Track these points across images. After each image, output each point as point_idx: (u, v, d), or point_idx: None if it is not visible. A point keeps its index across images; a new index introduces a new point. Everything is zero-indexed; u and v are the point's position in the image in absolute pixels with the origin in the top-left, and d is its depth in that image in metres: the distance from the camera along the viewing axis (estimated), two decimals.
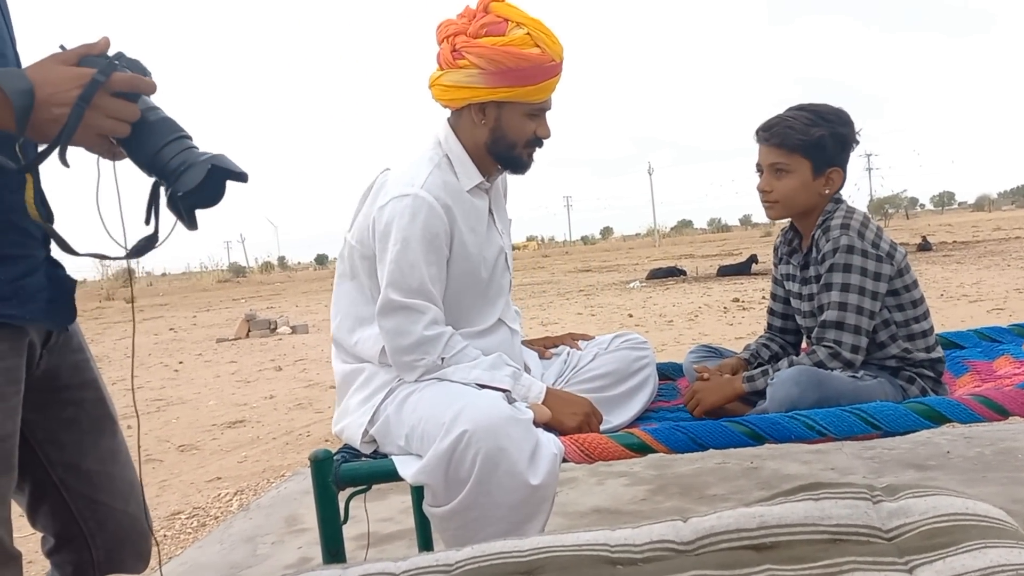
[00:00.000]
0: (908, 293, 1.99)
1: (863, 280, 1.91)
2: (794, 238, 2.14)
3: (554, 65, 1.86)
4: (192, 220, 1.20)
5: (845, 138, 1.99)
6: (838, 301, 1.91)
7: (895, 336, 1.99)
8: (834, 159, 2.00)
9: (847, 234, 1.93)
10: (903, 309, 1.99)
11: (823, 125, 1.97)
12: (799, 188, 2.01)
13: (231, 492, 3.98)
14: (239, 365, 9.37)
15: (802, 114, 2.00)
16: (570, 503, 3.00)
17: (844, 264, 1.92)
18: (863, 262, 1.92)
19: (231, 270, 65.27)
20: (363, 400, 1.87)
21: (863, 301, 1.91)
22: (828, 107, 2.02)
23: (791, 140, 1.98)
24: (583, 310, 12.42)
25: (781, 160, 2.00)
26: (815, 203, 2.03)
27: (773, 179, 2.03)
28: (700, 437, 1.67)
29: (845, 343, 1.90)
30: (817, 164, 1.99)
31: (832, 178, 2.01)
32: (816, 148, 1.97)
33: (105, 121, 1.13)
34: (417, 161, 1.92)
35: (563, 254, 52.76)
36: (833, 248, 1.93)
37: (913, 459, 3.09)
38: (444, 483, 1.65)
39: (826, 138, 1.97)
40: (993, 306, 8.34)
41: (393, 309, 1.81)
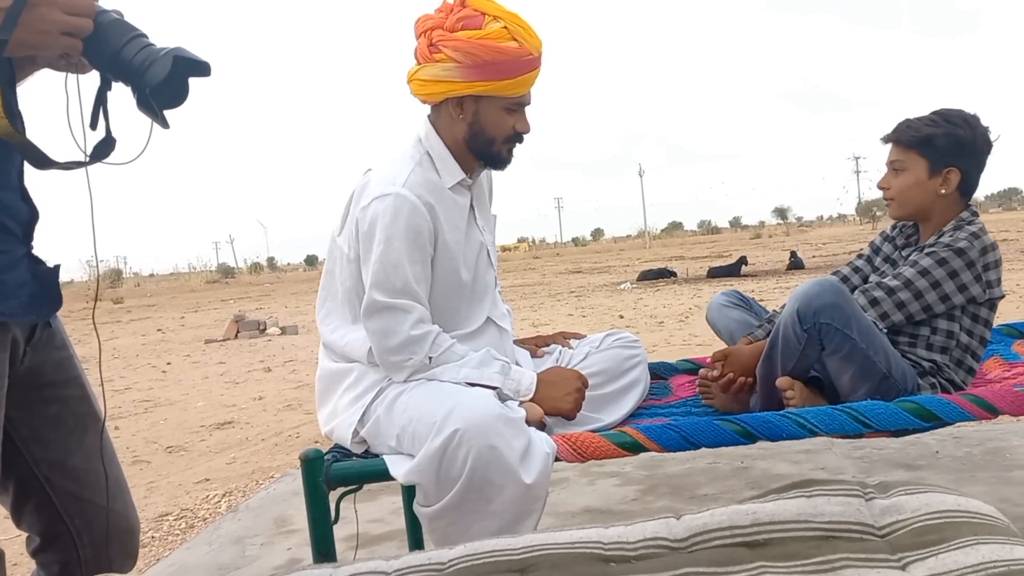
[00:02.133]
0: (984, 328, 2.01)
1: (946, 280, 1.92)
2: (913, 233, 2.15)
3: (532, 59, 1.85)
4: (164, 119, 1.20)
5: (961, 139, 1.99)
6: (907, 277, 1.94)
7: (949, 349, 1.98)
8: (950, 159, 2.00)
9: (970, 241, 1.94)
10: (972, 335, 2.00)
11: (941, 125, 1.99)
12: (913, 185, 2.03)
13: (220, 494, 3.96)
14: (228, 366, 9.33)
15: (928, 115, 2.03)
16: (561, 503, 3.00)
17: (942, 258, 1.93)
18: (960, 267, 1.92)
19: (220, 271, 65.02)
20: (353, 400, 1.86)
21: (928, 292, 1.92)
22: (957, 111, 2.03)
23: (906, 137, 2.02)
24: (574, 311, 12.43)
25: (899, 157, 2.04)
26: (931, 203, 2.03)
27: (891, 176, 2.07)
28: (692, 436, 1.66)
29: (880, 306, 1.93)
30: (933, 162, 2.00)
31: (949, 178, 2.01)
32: (929, 146, 1.99)
33: (63, 16, 1.12)
34: (398, 160, 1.91)
35: (554, 255, 52.80)
36: (947, 243, 1.95)
37: (902, 459, 3.10)
38: (435, 482, 1.64)
39: (939, 136, 1.98)
40: None
41: (378, 310, 1.79)
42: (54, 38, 1.14)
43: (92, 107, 1.22)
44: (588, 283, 19.97)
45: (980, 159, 2.03)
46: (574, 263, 35.66)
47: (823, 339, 1.83)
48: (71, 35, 1.15)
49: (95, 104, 1.22)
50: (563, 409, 1.82)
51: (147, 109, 1.19)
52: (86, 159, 1.23)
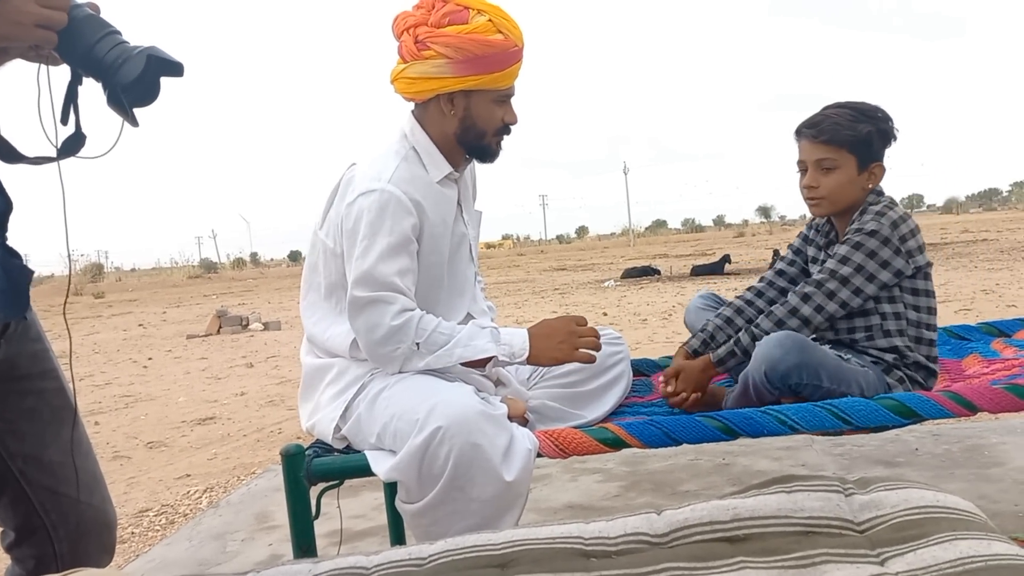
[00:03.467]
0: (926, 298, 2.02)
1: (867, 261, 1.94)
2: (830, 230, 2.16)
3: (517, 50, 1.86)
4: (134, 117, 1.19)
5: (887, 133, 2.02)
6: (831, 269, 1.96)
7: (903, 330, 2.00)
8: (877, 154, 2.03)
9: (878, 220, 1.96)
10: (919, 310, 2.01)
11: (868, 121, 2.00)
12: (845, 183, 2.02)
13: (200, 489, 3.94)
14: (210, 362, 9.27)
15: (845, 111, 2.02)
16: (543, 499, 3.00)
17: (857, 242, 1.95)
18: (878, 247, 1.94)
19: (202, 266, 64.59)
20: (335, 395, 1.85)
21: (854, 277, 1.94)
22: (868, 104, 2.04)
23: (839, 136, 2.00)
24: (558, 308, 12.43)
25: (828, 156, 2.02)
26: (859, 198, 2.05)
27: (819, 175, 2.04)
28: (674, 432, 1.67)
29: (814, 301, 1.94)
30: (862, 159, 2.01)
31: (875, 172, 2.03)
32: (863, 144, 2.00)
33: (38, 9, 1.11)
34: (383, 155, 1.90)
35: (538, 253, 52.82)
36: (858, 228, 1.96)
37: (882, 456, 3.12)
38: (417, 479, 1.63)
39: (873, 133, 2.00)
40: (960, 307, 8.46)
41: (361, 306, 1.78)
42: (28, 30, 1.12)
43: (63, 101, 1.20)
44: (572, 280, 19.98)
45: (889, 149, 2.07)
46: (558, 260, 35.70)
47: (796, 392, 1.85)
48: (45, 27, 1.13)
49: (65, 98, 1.20)
50: (561, 359, 1.84)
51: (117, 106, 1.18)
52: (55, 154, 1.22)
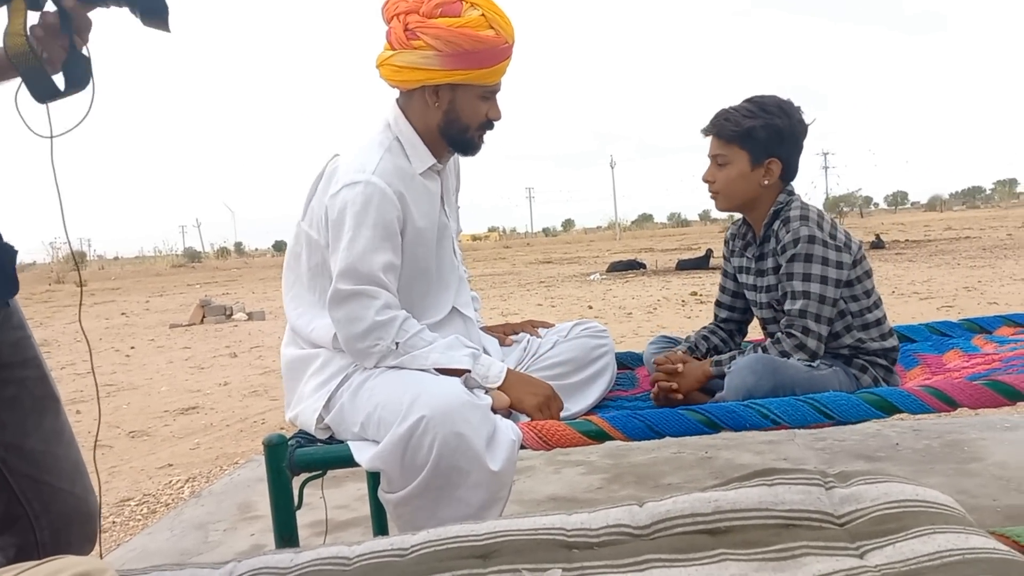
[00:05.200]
0: (861, 284, 2.03)
1: (825, 269, 1.94)
2: (747, 231, 2.16)
3: (507, 47, 1.85)
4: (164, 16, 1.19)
5: (781, 130, 2.00)
6: (802, 291, 1.94)
7: (850, 326, 2.02)
8: (771, 150, 2.01)
9: (807, 224, 1.95)
10: (857, 299, 2.02)
11: (760, 116, 1.99)
12: (737, 178, 2.03)
13: (183, 479, 3.92)
14: (193, 351, 9.22)
15: (744, 105, 2.03)
16: (527, 491, 3.00)
17: (806, 254, 1.94)
18: (824, 251, 1.94)
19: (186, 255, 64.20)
20: (318, 386, 1.84)
21: (826, 290, 1.94)
22: (773, 99, 2.04)
23: (726, 131, 2.02)
24: (543, 301, 12.44)
25: (721, 151, 2.04)
26: (756, 194, 2.05)
27: (716, 170, 2.07)
28: (657, 425, 1.67)
29: (812, 332, 1.93)
30: (755, 154, 2.01)
31: (771, 168, 2.02)
32: (750, 139, 2.00)
33: None
34: (367, 146, 1.89)
35: (524, 245, 52.81)
36: (794, 239, 1.95)
37: (863, 450, 3.15)
38: (400, 469, 1.63)
39: (757, 129, 1.99)
40: (943, 303, 8.53)
41: (344, 298, 1.77)
42: None
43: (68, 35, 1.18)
44: (558, 273, 20.00)
45: (798, 145, 2.05)
46: (544, 253, 35.71)
47: None
48: None
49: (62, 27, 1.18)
50: (527, 405, 1.81)
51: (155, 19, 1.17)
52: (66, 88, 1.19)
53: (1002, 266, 12.84)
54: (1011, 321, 2.44)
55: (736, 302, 2.25)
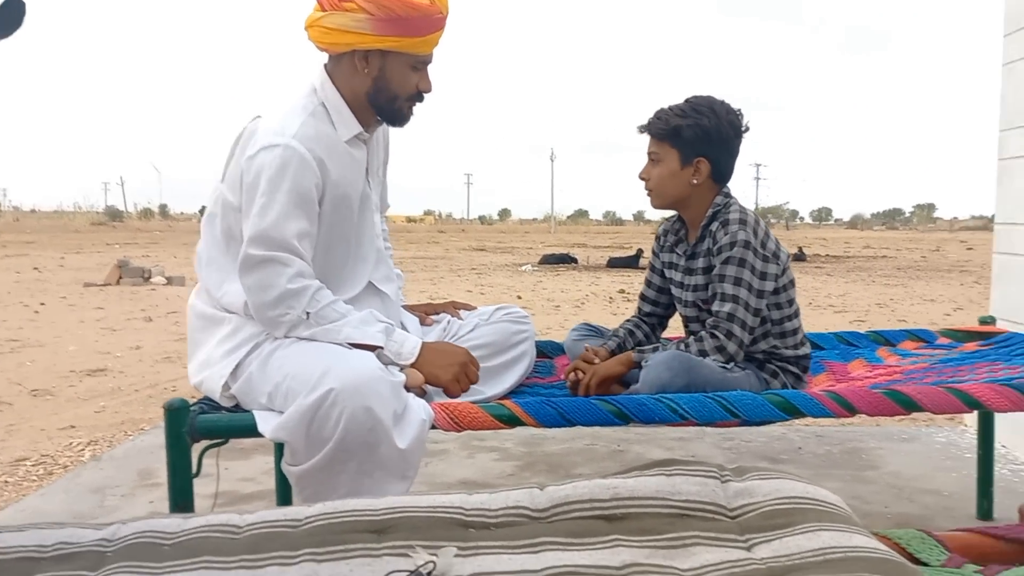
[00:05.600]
0: (786, 293, 2.08)
1: (752, 278, 1.98)
2: (681, 228, 2.19)
3: (441, 18, 1.82)
4: None
5: (708, 130, 2.03)
6: (732, 295, 1.97)
7: (768, 332, 2.07)
8: (699, 149, 2.04)
9: (744, 230, 1.99)
10: (780, 308, 2.07)
11: (690, 116, 2.02)
12: (668, 177, 2.06)
13: (84, 442, 3.80)
14: (106, 312, 8.93)
15: (678, 105, 2.06)
16: (439, 474, 3.00)
17: (740, 259, 1.97)
18: (754, 260, 1.98)
19: (107, 213, 61.97)
20: (226, 352, 1.78)
21: (750, 299, 1.97)
22: (707, 99, 2.07)
23: (656, 129, 2.06)
24: (473, 288, 12.45)
25: (654, 149, 2.08)
26: (687, 192, 2.07)
27: (650, 167, 2.10)
28: (569, 413, 1.68)
29: (735, 337, 1.96)
30: (684, 153, 2.04)
31: (700, 168, 2.05)
32: (678, 137, 2.03)
33: None
34: (290, 109, 1.83)
35: (459, 231, 52.64)
36: (731, 242, 1.98)
37: (768, 452, 3.24)
38: (305, 441, 1.60)
39: (684, 128, 2.02)
40: (855, 317, 8.85)
41: (254, 264, 1.72)
42: None
43: None
44: (490, 262, 20.02)
45: (729, 146, 2.08)
46: (478, 241, 35.69)
47: None
48: None
49: None
50: (442, 379, 1.79)
51: None
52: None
53: (914, 286, 13.38)
54: (915, 336, 2.54)
55: (660, 297, 2.27)
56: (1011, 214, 3.37)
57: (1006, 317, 3.30)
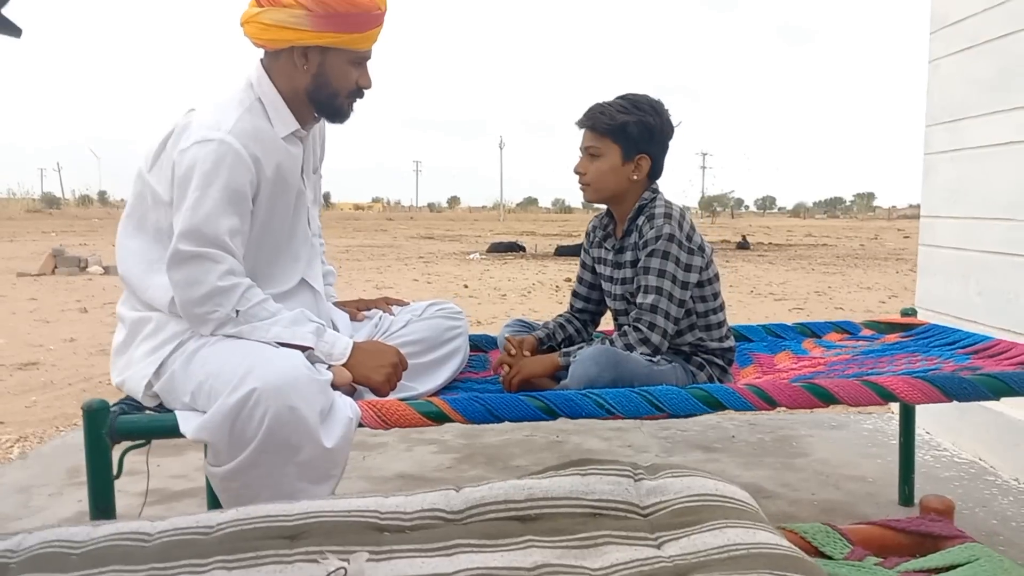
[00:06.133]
0: (711, 286, 2.11)
1: (677, 270, 2.01)
2: (609, 223, 2.21)
3: (380, 14, 1.82)
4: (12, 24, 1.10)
5: (652, 128, 2.07)
6: (655, 286, 2.00)
7: (694, 325, 2.10)
8: (642, 146, 2.07)
9: (669, 223, 2.02)
10: (705, 301, 2.11)
11: (633, 113, 2.05)
12: (608, 172, 2.08)
13: (13, 438, 3.68)
14: (39, 303, 8.67)
15: (618, 102, 2.08)
16: (376, 468, 2.99)
17: (664, 251, 2.00)
18: (679, 252, 2.01)
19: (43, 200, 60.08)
20: (149, 351, 1.75)
21: (674, 290, 2.01)
22: (645, 97, 2.10)
23: (601, 125, 2.07)
24: (420, 277, 12.39)
25: (594, 144, 2.09)
26: (625, 188, 2.10)
27: (587, 162, 2.11)
28: (497, 409, 1.69)
29: (658, 328, 1.99)
30: (626, 150, 2.07)
31: (640, 164, 2.08)
32: (623, 134, 2.05)
33: None
34: (225, 103, 1.80)
35: (408, 219, 52.30)
36: (656, 235, 2.01)
37: (702, 441, 3.30)
38: (228, 441, 1.57)
39: (631, 125, 2.05)
40: (794, 305, 9.05)
41: (184, 259, 1.69)
42: None
43: None
44: (438, 250, 19.95)
45: (665, 144, 2.14)
46: (427, 229, 35.51)
47: None
48: None
49: None
50: (373, 380, 1.78)
51: None
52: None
53: (851, 274, 13.72)
54: (839, 328, 2.61)
55: (592, 293, 2.30)
56: (936, 207, 3.48)
57: (931, 307, 3.42)
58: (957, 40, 3.29)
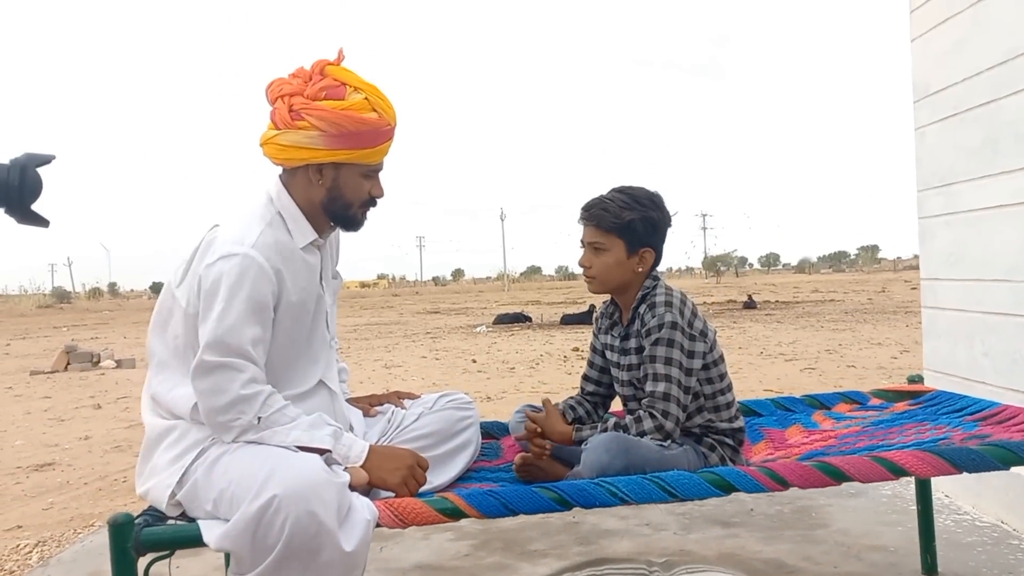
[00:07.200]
0: (716, 368, 2.15)
1: (682, 357, 2.05)
2: (614, 311, 2.26)
3: (389, 129, 1.92)
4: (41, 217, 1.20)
5: (656, 222, 2.14)
6: (664, 374, 2.04)
7: (702, 407, 2.13)
8: (646, 240, 2.14)
9: (671, 311, 2.07)
10: (712, 383, 2.14)
11: (636, 209, 2.12)
12: (614, 265, 2.14)
13: (32, 543, 3.69)
14: (54, 401, 8.71)
15: (619, 196, 2.14)
16: (393, 559, 2.98)
17: (668, 339, 2.05)
18: (682, 339, 2.06)
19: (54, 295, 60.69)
20: (172, 460, 1.80)
21: (682, 377, 2.05)
22: (644, 191, 2.17)
23: (606, 222, 2.12)
24: (428, 353, 12.41)
25: (598, 239, 2.15)
26: (630, 279, 2.16)
27: (592, 256, 2.17)
28: (511, 503, 1.72)
29: (671, 415, 2.02)
30: (631, 244, 2.13)
31: (644, 257, 2.15)
32: (629, 230, 2.12)
33: None
34: (248, 218, 1.90)
35: (414, 294, 52.57)
36: (659, 324, 2.06)
37: (720, 515, 3.28)
38: (250, 549, 1.60)
39: (636, 222, 2.11)
40: (806, 365, 9.03)
41: (209, 369, 1.75)
42: None
43: None
44: (445, 324, 20.02)
45: (665, 235, 2.20)
46: (433, 303, 35.67)
47: None
48: None
49: None
50: (390, 483, 1.82)
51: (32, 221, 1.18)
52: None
53: (861, 330, 13.69)
54: (848, 398, 2.63)
55: (603, 377, 2.34)
56: (935, 270, 3.53)
57: (939, 369, 3.44)
58: (941, 108, 3.39)
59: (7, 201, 1.18)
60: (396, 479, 1.83)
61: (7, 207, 1.19)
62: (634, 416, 2.06)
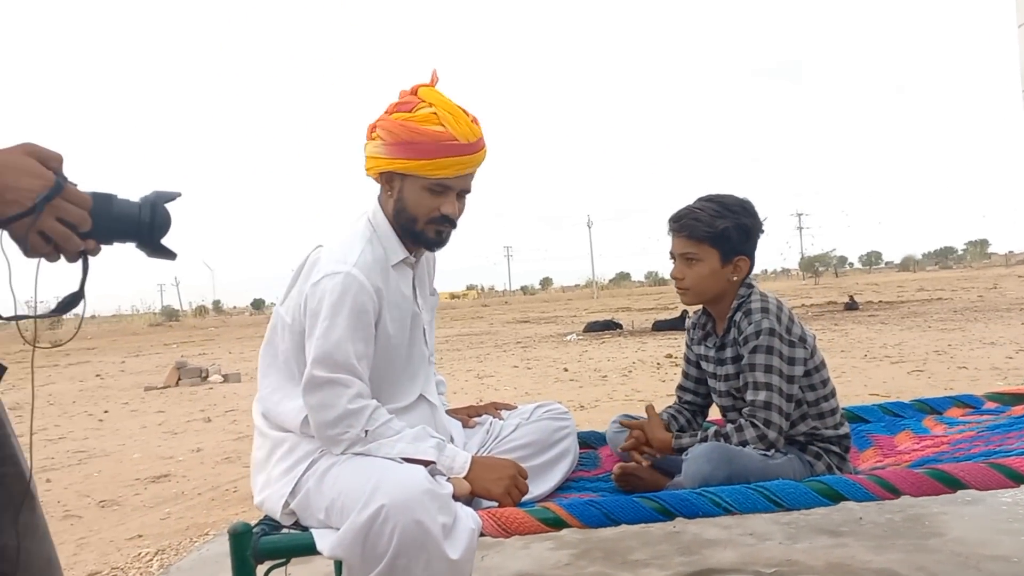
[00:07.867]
0: (818, 374, 2.10)
1: (782, 364, 2.02)
2: (707, 322, 2.24)
3: (455, 144, 1.89)
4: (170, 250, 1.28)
5: (749, 229, 2.11)
6: (765, 382, 2.00)
7: (805, 415, 2.09)
8: (740, 248, 2.11)
9: (768, 318, 2.03)
10: (814, 389, 2.09)
11: (728, 217, 2.08)
12: (708, 276, 2.11)
13: (152, 551, 3.88)
14: (167, 415, 9.15)
15: (709, 205, 2.11)
16: (494, 568, 3.01)
17: (767, 347, 2.01)
18: (781, 346, 2.02)
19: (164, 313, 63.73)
20: (285, 471, 1.88)
21: (783, 384, 2.01)
22: (734, 198, 2.13)
23: (698, 232, 2.09)
24: (519, 363, 12.46)
25: (691, 250, 2.12)
26: (724, 289, 2.13)
27: (684, 267, 2.14)
28: (613, 513, 1.73)
29: (774, 424, 1.99)
30: (725, 253, 2.10)
31: (739, 265, 2.12)
32: (722, 239, 2.08)
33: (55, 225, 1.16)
34: (349, 238, 1.98)
35: (503, 304, 52.95)
36: (756, 331, 2.02)
37: (827, 525, 3.19)
38: (361, 557, 1.66)
39: (730, 229, 2.08)
40: (913, 367, 8.66)
41: (318, 385, 1.83)
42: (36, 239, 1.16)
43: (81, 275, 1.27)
44: (535, 333, 20.06)
45: (757, 241, 2.15)
46: (522, 312, 35.82)
47: None
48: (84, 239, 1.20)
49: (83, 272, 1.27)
50: (493, 492, 1.86)
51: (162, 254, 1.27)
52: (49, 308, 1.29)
53: (972, 329, 13.03)
54: (960, 402, 2.53)
55: (699, 387, 2.32)
56: None
57: None
58: None
59: (139, 237, 1.26)
60: (499, 489, 1.86)
61: (139, 242, 1.28)
62: (735, 425, 2.03)
